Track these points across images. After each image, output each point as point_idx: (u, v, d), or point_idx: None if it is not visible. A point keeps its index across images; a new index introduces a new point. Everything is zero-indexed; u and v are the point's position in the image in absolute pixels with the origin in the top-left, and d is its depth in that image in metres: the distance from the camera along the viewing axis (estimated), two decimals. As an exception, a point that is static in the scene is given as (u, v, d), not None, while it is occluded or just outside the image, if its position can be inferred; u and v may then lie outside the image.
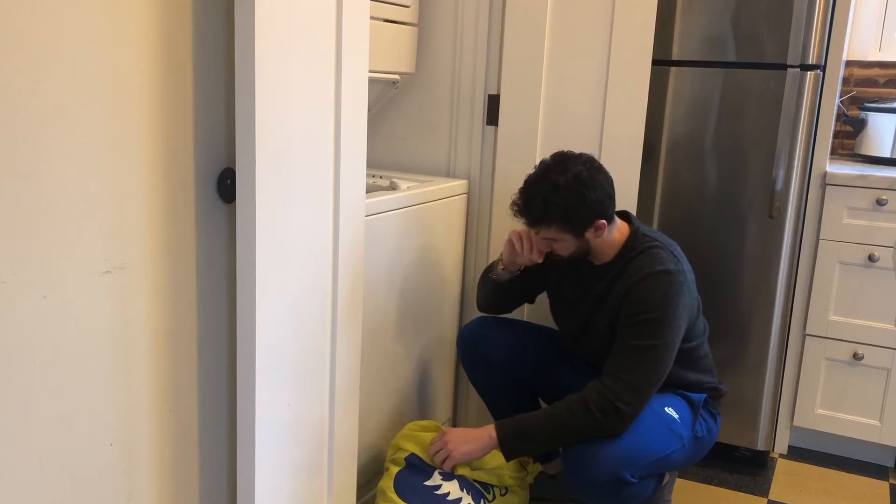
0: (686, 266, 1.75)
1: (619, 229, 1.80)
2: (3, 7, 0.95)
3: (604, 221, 1.71)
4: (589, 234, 1.72)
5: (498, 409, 2.02)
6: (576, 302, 1.88)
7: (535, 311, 2.23)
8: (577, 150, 1.75)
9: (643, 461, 1.67)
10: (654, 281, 1.69)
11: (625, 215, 1.84)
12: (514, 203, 1.74)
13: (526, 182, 1.73)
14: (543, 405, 2.06)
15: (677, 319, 1.69)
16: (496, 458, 1.88)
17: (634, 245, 1.77)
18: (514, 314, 2.13)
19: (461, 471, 1.84)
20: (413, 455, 1.83)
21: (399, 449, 1.86)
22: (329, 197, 1.44)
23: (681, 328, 1.71)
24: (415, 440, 1.86)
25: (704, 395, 1.84)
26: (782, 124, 2.15)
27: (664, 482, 1.90)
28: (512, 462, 1.90)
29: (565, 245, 1.75)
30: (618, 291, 1.75)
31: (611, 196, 1.73)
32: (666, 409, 1.76)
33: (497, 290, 1.96)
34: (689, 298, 1.72)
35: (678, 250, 1.78)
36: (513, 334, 1.99)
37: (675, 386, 1.81)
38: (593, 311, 1.83)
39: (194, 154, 1.26)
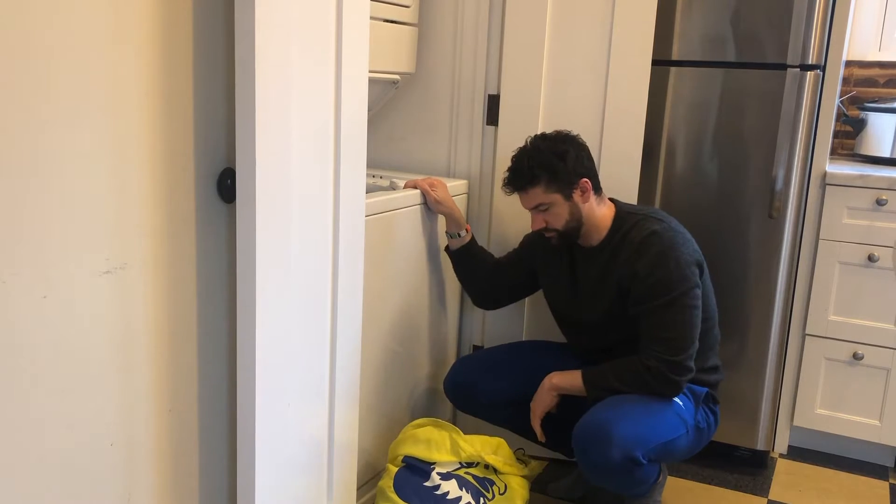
0: (674, 223, 1.83)
1: (608, 206, 1.88)
2: (4, 9, 0.95)
3: (588, 181, 1.80)
4: (577, 197, 1.80)
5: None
6: (573, 289, 1.92)
7: (536, 320, 2.23)
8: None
9: (653, 442, 1.70)
10: (647, 246, 1.77)
11: (611, 201, 1.92)
12: (503, 180, 1.85)
13: (511, 158, 1.85)
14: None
15: (683, 267, 1.74)
16: (499, 451, 1.90)
17: (622, 224, 1.84)
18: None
19: (470, 449, 1.86)
20: (410, 457, 1.83)
21: (399, 450, 1.86)
22: (329, 196, 1.44)
23: (692, 272, 1.76)
24: (413, 439, 1.86)
25: (706, 390, 1.87)
26: (782, 124, 2.15)
27: (658, 480, 1.90)
28: (512, 457, 1.92)
29: (557, 212, 1.81)
30: (619, 270, 1.80)
31: (591, 160, 1.84)
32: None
33: (461, 259, 2.06)
34: (687, 247, 1.78)
35: (661, 213, 1.86)
36: (499, 372, 1.98)
37: None
38: (593, 293, 1.87)
39: (194, 154, 1.26)
